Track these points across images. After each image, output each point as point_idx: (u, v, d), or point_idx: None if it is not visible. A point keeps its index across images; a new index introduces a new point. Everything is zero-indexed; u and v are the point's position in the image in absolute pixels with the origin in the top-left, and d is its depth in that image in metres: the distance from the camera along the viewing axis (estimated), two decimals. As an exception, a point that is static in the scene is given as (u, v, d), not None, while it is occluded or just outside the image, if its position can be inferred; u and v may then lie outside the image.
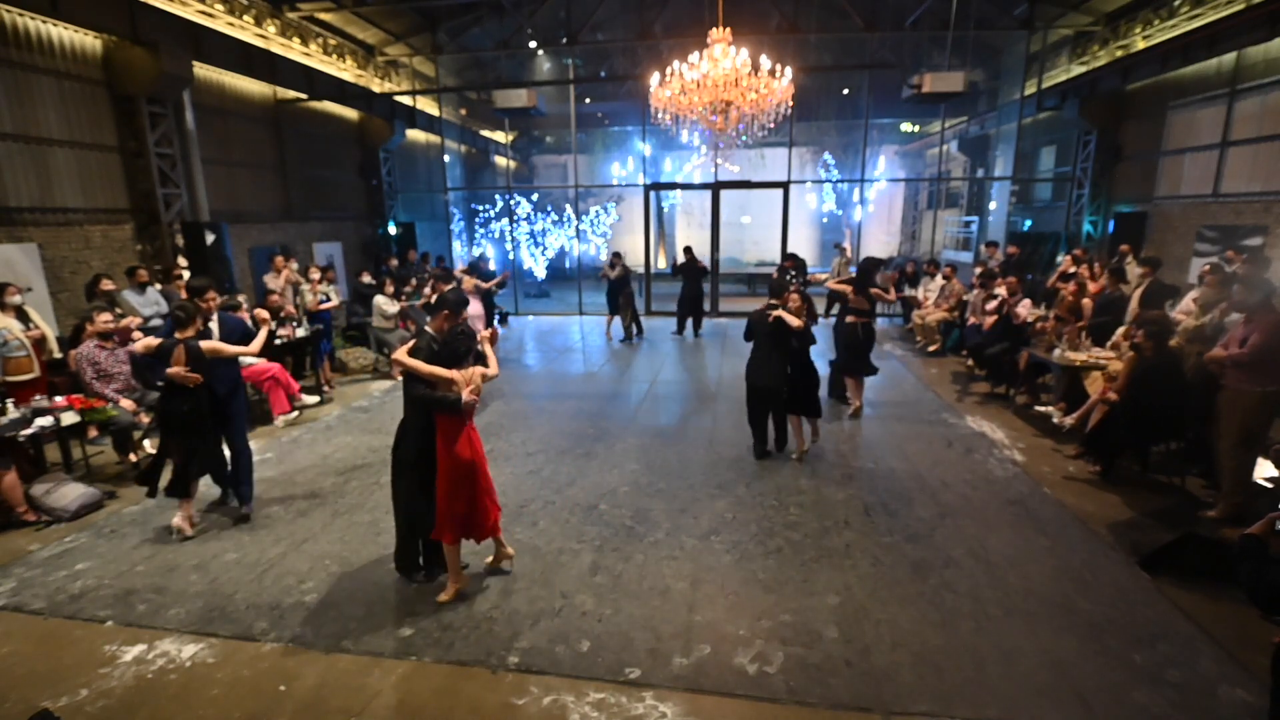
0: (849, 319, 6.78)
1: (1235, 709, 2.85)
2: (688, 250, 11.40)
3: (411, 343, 3.64)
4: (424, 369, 3.46)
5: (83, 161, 7.73)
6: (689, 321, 11.70)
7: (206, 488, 4.93)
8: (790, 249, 11.81)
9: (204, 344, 4.35)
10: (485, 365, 3.70)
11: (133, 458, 5.63)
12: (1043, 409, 6.55)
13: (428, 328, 3.76)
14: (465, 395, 3.45)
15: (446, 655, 3.25)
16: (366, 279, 10.12)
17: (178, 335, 4.34)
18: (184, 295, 7.84)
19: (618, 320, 11.32)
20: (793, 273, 8.72)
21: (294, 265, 9.37)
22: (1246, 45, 8.56)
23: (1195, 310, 5.74)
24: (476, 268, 10.47)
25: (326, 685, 3.06)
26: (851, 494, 5.06)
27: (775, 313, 5.46)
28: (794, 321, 5.40)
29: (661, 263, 19.26)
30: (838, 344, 6.79)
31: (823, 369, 6.42)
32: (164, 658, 3.27)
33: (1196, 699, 2.91)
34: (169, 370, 4.23)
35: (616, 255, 11.24)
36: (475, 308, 8.70)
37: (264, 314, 4.85)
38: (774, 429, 5.88)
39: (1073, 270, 8.81)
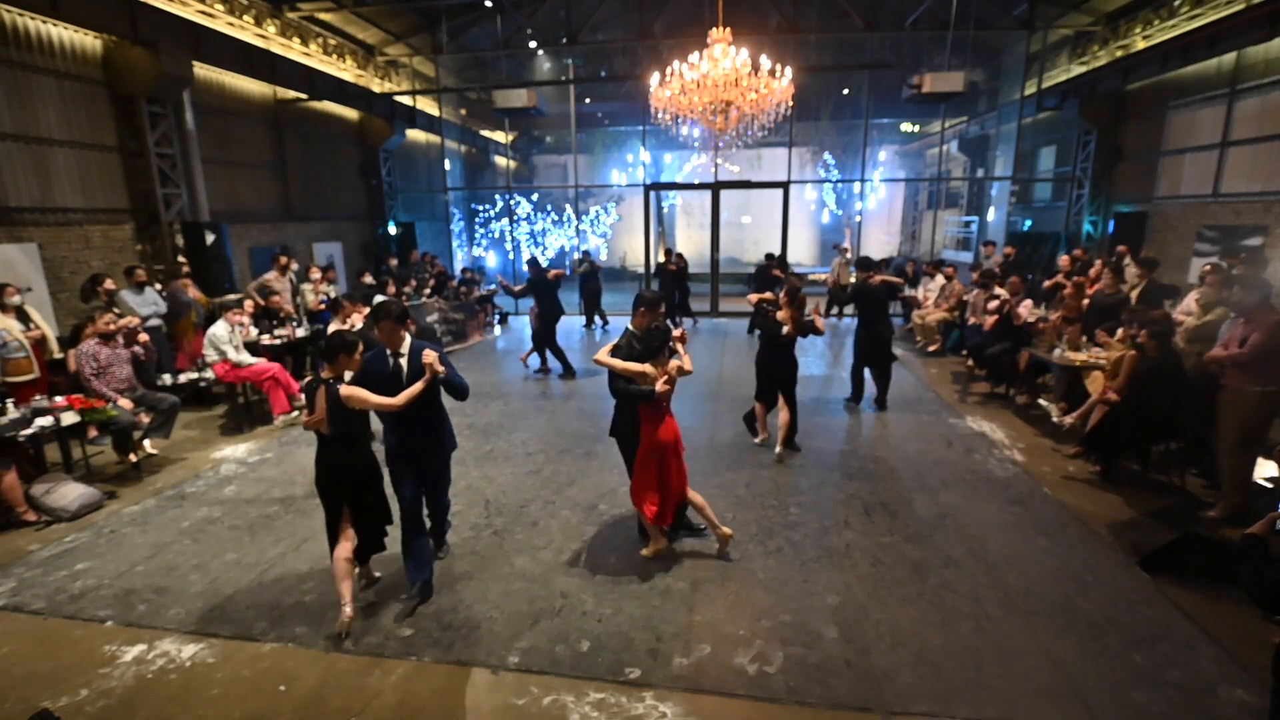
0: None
1: (1235, 709, 2.85)
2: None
3: (613, 343, 4.03)
4: (618, 365, 3.85)
5: (83, 161, 7.73)
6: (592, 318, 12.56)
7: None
8: (790, 249, 11.83)
9: (343, 388, 3.34)
10: (680, 359, 3.95)
11: (132, 458, 5.62)
12: (1043, 403, 6.55)
13: (629, 325, 4.11)
14: (659, 386, 3.77)
15: (446, 655, 3.25)
16: (368, 280, 10.13)
17: (323, 373, 3.48)
18: (192, 295, 7.94)
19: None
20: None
21: (294, 267, 9.37)
22: (1246, 45, 8.57)
23: (1197, 310, 5.74)
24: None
25: (326, 685, 3.06)
26: (851, 494, 5.06)
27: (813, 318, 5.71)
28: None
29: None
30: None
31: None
32: (164, 658, 3.27)
33: (1196, 699, 2.91)
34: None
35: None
36: None
37: (432, 355, 3.43)
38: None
39: (1070, 268, 8.81)
